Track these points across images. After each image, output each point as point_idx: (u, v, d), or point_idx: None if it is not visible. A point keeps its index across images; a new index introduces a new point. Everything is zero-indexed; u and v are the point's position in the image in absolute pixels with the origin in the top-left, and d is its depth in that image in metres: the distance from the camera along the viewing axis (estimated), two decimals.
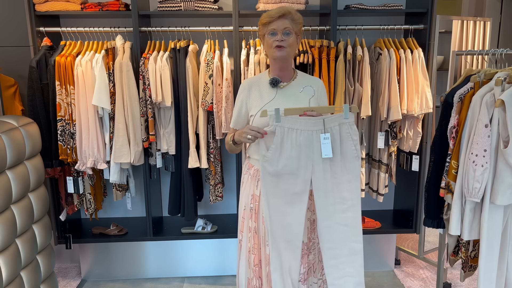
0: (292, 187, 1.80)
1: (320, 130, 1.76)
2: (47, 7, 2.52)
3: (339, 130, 1.77)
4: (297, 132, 1.76)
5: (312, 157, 1.78)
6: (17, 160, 2.13)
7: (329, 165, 1.79)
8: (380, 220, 2.93)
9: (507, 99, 1.76)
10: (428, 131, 2.76)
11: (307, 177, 1.79)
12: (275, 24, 1.84)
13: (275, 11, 1.85)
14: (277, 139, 1.76)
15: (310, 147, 1.77)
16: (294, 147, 1.77)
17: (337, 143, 1.78)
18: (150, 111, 2.53)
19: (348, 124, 1.77)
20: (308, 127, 1.76)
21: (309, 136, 1.76)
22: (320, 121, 1.76)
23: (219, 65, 2.52)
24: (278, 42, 1.84)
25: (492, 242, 1.91)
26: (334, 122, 1.77)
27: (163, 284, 3.00)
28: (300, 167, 1.78)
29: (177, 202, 2.75)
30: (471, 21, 2.99)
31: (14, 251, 2.06)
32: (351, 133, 1.78)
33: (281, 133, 1.76)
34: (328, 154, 1.75)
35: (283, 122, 1.75)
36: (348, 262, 1.86)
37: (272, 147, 1.76)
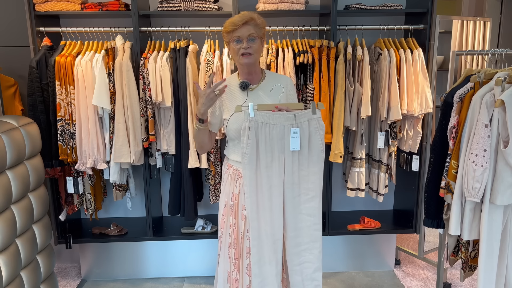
0: (270, 180, 1.87)
1: (291, 125, 1.83)
2: (47, 7, 2.52)
3: (308, 125, 1.84)
4: (270, 127, 1.83)
5: (283, 150, 1.85)
6: (17, 160, 2.13)
7: (298, 158, 1.87)
8: (380, 220, 2.93)
9: (507, 99, 1.76)
10: (428, 131, 2.76)
11: (281, 170, 1.87)
12: (239, 31, 1.87)
13: (239, 18, 1.87)
14: (252, 134, 1.82)
15: (282, 141, 1.84)
16: (267, 141, 1.83)
17: (305, 137, 1.85)
18: (150, 111, 2.53)
19: (317, 119, 1.85)
20: (281, 121, 1.82)
21: (281, 130, 1.83)
22: (292, 116, 1.83)
23: (219, 65, 2.52)
24: (244, 49, 1.88)
25: (492, 242, 1.91)
26: (303, 118, 1.84)
27: (163, 284, 3.00)
28: (274, 160, 1.86)
29: (177, 202, 2.75)
30: (471, 21, 2.99)
31: (14, 251, 2.06)
32: (319, 128, 1.86)
33: (255, 127, 1.82)
34: (295, 148, 1.84)
35: (257, 117, 1.81)
36: (308, 249, 1.95)
37: (249, 142, 1.82)
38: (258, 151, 1.84)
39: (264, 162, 1.85)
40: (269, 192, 1.88)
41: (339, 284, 2.96)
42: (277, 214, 1.90)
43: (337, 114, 2.54)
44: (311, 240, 1.94)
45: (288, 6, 2.56)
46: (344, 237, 3.07)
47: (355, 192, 2.76)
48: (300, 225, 1.93)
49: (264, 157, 1.85)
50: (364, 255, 3.12)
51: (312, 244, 1.95)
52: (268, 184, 1.87)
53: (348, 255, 3.11)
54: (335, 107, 2.55)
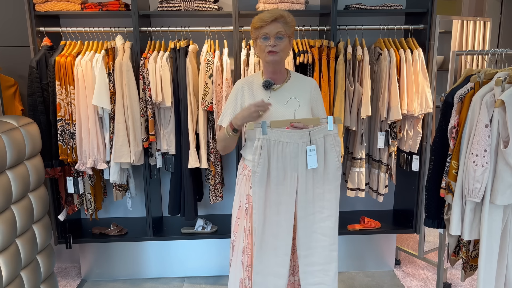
0: (279, 198, 1.83)
1: (306, 143, 1.80)
2: (47, 7, 2.52)
3: (323, 141, 1.81)
4: (283, 145, 1.79)
5: (297, 168, 1.81)
6: (17, 160, 2.13)
7: (312, 176, 1.83)
8: (380, 220, 2.93)
9: (507, 99, 1.76)
10: (428, 131, 2.76)
11: (293, 188, 1.83)
12: (267, 28, 1.82)
13: (268, 15, 1.82)
14: (264, 152, 1.79)
15: (296, 159, 1.80)
16: (280, 159, 1.80)
17: (321, 154, 1.81)
18: (150, 111, 2.53)
19: (333, 135, 1.82)
20: (295, 139, 1.79)
21: (295, 148, 1.79)
22: (306, 133, 1.79)
23: (219, 65, 2.52)
24: (271, 47, 1.83)
25: (492, 242, 1.91)
26: (319, 134, 1.81)
27: (163, 284, 3.00)
28: (286, 178, 1.82)
29: (177, 202, 2.75)
30: (471, 21, 2.99)
31: (14, 251, 2.06)
32: (335, 145, 1.82)
33: (267, 145, 1.79)
34: (313, 165, 1.80)
35: (269, 135, 1.78)
36: (324, 271, 1.90)
37: (260, 161, 1.79)
38: (270, 169, 1.81)
39: (276, 180, 1.82)
40: (277, 208, 1.84)
41: (339, 284, 2.96)
42: (284, 229, 1.85)
43: (337, 114, 2.54)
44: (326, 262, 1.89)
45: (288, 6, 2.56)
46: (344, 237, 3.07)
47: (355, 192, 2.76)
48: (314, 245, 1.88)
49: (276, 175, 1.81)
50: (364, 255, 3.12)
51: (327, 265, 1.89)
52: (277, 201, 1.84)
53: (348, 255, 3.11)
54: (335, 107, 2.55)
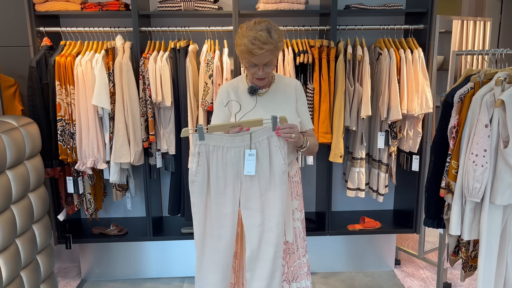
0: (222, 208, 1.73)
1: (247, 146, 1.67)
2: (47, 7, 2.52)
3: (268, 143, 1.68)
4: (223, 150, 1.68)
5: (239, 175, 1.71)
6: (17, 160, 2.13)
7: (258, 182, 1.71)
8: (380, 220, 2.93)
9: (507, 99, 1.76)
10: (428, 131, 2.76)
11: (236, 196, 1.73)
12: (256, 59, 1.70)
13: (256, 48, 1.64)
14: (202, 159, 1.67)
15: (238, 165, 1.69)
16: (220, 165, 1.69)
17: (266, 157, 1.69)
18: (150, 111, 2.53)
19: (277, 136, 1.69)
20: (236, 143, 1.67)
21: (237, 153, 1.68)
22: (248, 136, 1.67)
23: (219, 65, 2.52)
24: (259, 76, 1.75)
25: (491, 242, 1.91)
26: (262, 136, 1.68)
27: (163, 284, 3.00)
28: (227, 186, 1.71)
29: (177, 202, 2.75)
30: (471, 21, 2.99)
31: (14, 251, 2.06)
32: (280, 147, 1.69)
33: (205, 152, 1.67)
34: (250, 172, 1.67)
35: (208, 140, 1.67)
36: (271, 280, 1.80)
37: (199, 169, 1.68)
38: (209, 178, 1.70)
39: (215, 190, 1.71)
40: (219, 221, 1.74)
41: (339, 284, 2.96)
42: (228, 243, 1.77)
43: (337, 114, 2.54)
44: (272, 271, 1.79)
45: (288, 6, 2.56)
46: (344, 237, 3.07)
47: (355, 192, 2.76)
48: (264, 257, 1.77)
49: (216, 184, 1.70)
50: (364, 255, 3.11)
51: (273, 274, 1.80)
52: (218, 213, 1.73)
53: (348, 255, 3.11)
54: (335, 107, 2.55)
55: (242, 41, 1.69)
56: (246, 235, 1.79)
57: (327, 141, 2.56)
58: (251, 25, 1.71)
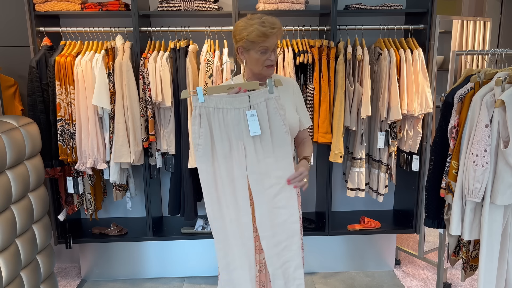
0: (231, 173, 1.69)
1: (246, 107, 1.65)
2: (47, 7, 2.52)
3: (265, 105, 1.66)
4: (223, 112, 1.64)
5: (242, 137, 1.66)
6: (17, 160, 2.13)
7: (261, 145, 1.67)
8: (380, 220, 2.93)
9: (507, 99, 1.76)
10: (428, 131, 2.76)
11: (242, 159, 1.68)
12: (268, 42, 1.71)
13: (269, 30, 1.69)
14: (204, 121, 1.64)
15: (239, 126, 1.66)
16: (222, 127, 1.65)
17: (265, 120, 1.66)
18: (150, 111, 2.53)
19: (275, 99, 1.66)
20: (234, 105, 1.64)
21: (237, 114, 1.65)
22: (246, 97, 1.64)
23: (219, 65, 2.51)
24: (271, 61, 1.76)
25: (492, 242, 1.91)
26: (260, 98, 1.65)
27: (163, 284, 3.00)
28: (232, 149, 1.67)
29: (177, 202, 2.75)
30: (471, 21, 2.99)
31: (14, 251, 2.05)
32: (278, 108, 1.66)
33: (206, 114, 1.64)
34: (256, 132, 1.64)
35: (207, 102, 1.64)
36: (288, 247, 1.75)
37: (201, 131, 1.64)
38: (213, 140, 1.66)
39: (222, 153, 1.66)
40: (232, 186, 1.69)
41: (339, 284, 2.96)
42: (244, 211, 1.70)
43: (337, 114, 2.54)
44: (289, 236, 1.74)
45: (288, 6, 2.56)
46: (344, 237, 3.07)
47: (355, 192, 2.76)
48: (277, 221, 1.72)
49: (221, 146, 1.66)
50: (364, 255, 3.11)
51: (290, 239, 1.75)
52: (229, 177, 1.68)
53: (348, 255, 3.11)
54: (335, 107, 2.55)
55: (250, 29, 1.70)
56: (255, 201, 1.72)
57: (327, 141, 2.56)
58: (248, 18, 1.75)
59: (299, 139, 1.96)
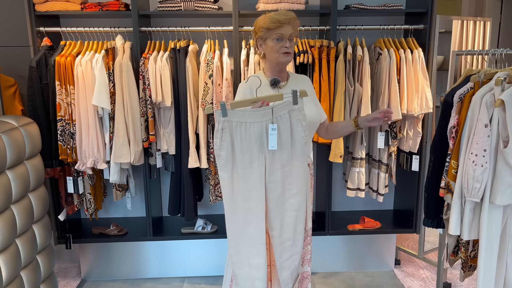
0: (248, 183, 1.77)
1: (269, 120, 1.72)
2: (47, 7, 2.52)
3: (289, 117, 1.74)
4: (246, 125, 1.72)
5: (263, 149, 1.75)
6: (17, 160, 2.13)
7: (280, 155, 1.76)
8: (380, 220, 2.93)
9: (507, 99, 1.76)
10: (428, 131, 2.76)
11: (262, 170, 1.77)
12: (283, 29, 1.85)
13: (283, 17, 1.84)
14: (226, 135, 1.72)
15: (261, 139, 1.73)
16: (244, 141, 1.73)
17: (287, 131, 1.74)
18: (150, 111, 2.53)
19: (298, 110, 1.73)
20: (258, 118, 1.71)
21: (259, 128, 1.72)
22: (269, 111, 1.71)
23: (219, 65, 2.52)
24: (287, 48, 1.87)
25: (491, 242, 1.91)
26: (283, 110, 1.73)
27: (163, 284, 3.00)
28: (253, 161, 1.75)
29: (177, 202, 2.75)
30: (471, 21, 2.99)
31: (14, 251, 2.06)
32: (301, 119, 1.75)
33: (229, 128, 1.72)
34: (273, 147, 1.72)
35: (230, 116, 1.71)
36: (295, 243, 1.87)
37: (223, 144, 1.73)
38: (234, 152, 1.74)
39: (242, 164, 1.75)
40: (247, 195, 1.78)
41: (339, 284, 2.96)
42: (257, 216, 1.80)
43: (337, 114, 2.54)
44: (295, 233, 1.87)
45: (288, 6, 2.57)
46: (344, 237, 3.07)
47: (355, 192, 2.76)
48: (285, 222, 1.84)
49: (241, 158, 1.75)
50: (364, 255, 3.11)
51: (297, 236, 1.87)
52: (246, 187, 1.77)
53: (348, 255, 3.11)
54: (335, 107, 2.55)
55: (266, 18, 1.87)
56: (268, 206, 1.82)
57: (327, 141, 2.56)
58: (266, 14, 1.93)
59: (322, 127, 2.12)
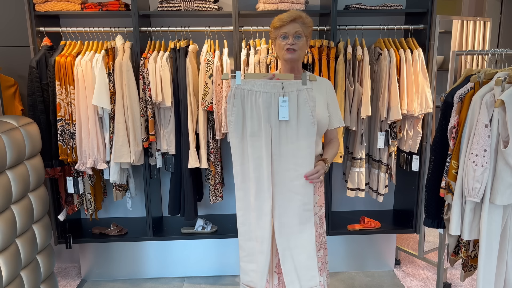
0: (257, 151, 1.81)
1: (278, 93, 1.77)
2: (47, 7, 2.52)
3: (297, 95, 1.78)
4: (256, 94, 1.78)
5: (270, 119, 1.79)
6: (17, 160, 2.13)
7: (286, 130, 1.80)
8: (380, 220, 2.93)
9: (507, 99, 1.76)
10: (428, 131, 2.76)
11: (268, 140, 1.80)
12: (286, 28, 1.90)
13: (287, 15, 1.91)
14: (237, 101, 1.78)
15: (268, 109, 1.78)
16: (254, 108, 1.79)
17: (293, 108, 1.78)
18: (150, 111, 2.53)
19: (306, 90, 1.78)
20: (267, 89, 1.77)
21: (268, 98, 1.77)
22: (279, 84, 1.77)
23: (219, 65, 2.52)
24: (289, 45, 1.91)
25: (492, 242, 1.91)
26: (292, 87, 1.78)
27: (163, 284, 3.00)
28: (260, 129, 1.80)
29: (177, 202, 2.75)
30: (471, 21, 2.99)
31: (14, 251, 2.06)
32: (308, 99, 1.78)
33: (241, 95, 1.78)
34: (285, 117, 1.77)
35: (243, 84, 1.78)
36: (299, 232, 1.85)
37: (234, 109, 1.79)
38: (244, 118, 1.80)
39: (251, 131, 1.80)
40: (255, 163, 1.81)
41: (339, 284, 2.96)
42: (263, 186, 1.82)
43: None
44: (300, 222, 1.84)
45: (288, 6, 2.56)
46: (344, 237, 3.07)
47: (355, 192, 2.76)
48: (288, 204, 1.83)
49: (250, 125, 1.80)
50: (364, 255, 3.12)
51: (302, 225, 1.84)
52: (254, 155, 1.81)
53: (348, 255, 3.11)
54: None
55: (275, 19, 1.94)
56: (274, 179, 1.83)
57: None
58: None
59: (327, 138, 2.07)
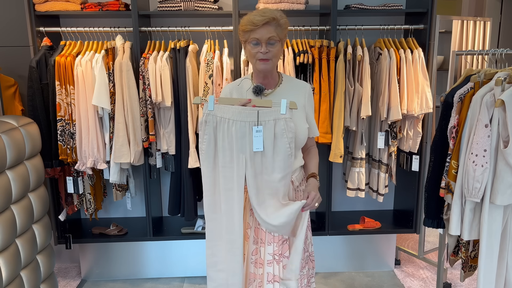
0: (229, 182, 1.69)
1: (253, 122, 1.64)
2: (47, 7, 2.52)
3: (273, 125, 1.64)
4: (229, 123, 1.64)
5: (245, 150, 1.66)
6: (17, 160, 2.13)
7: (261, 161, 1.66)
8: (380, 220, 2.93)
9: (507, 99, 1.76)
10: (428, 131, 2.76)
11: (241, 172, 1.67)
12: (258, 33, 1.65)
13: (259, 18, 1.63)
14: (209, 128, 1.66)
15: (243, 140, 1.65)
16: (226, 138, 1.65)
17: (270, 139, 1.64)
18: (150, 111, 2.53)
19: (284, 120, 1.64)
20: (241, 117, 1.63)
21: (242, 127, 1.64)
22: (254, 112, 1.63)
23: (219, 65, 2.52)
24: (263, 54, 1.67)
25: (492, 242, 1.91)
26: (269, 116, 1.64)
27: (163, 284, 3.00)
28: (232, 160, 1.67)
29: (177, 202, 2.75)
30: (471, 21, 2.99)
31: (14, 251, 2.06)
32: (286, 130, 1.64)
33: (213, 122, 1.66)
34: (259, 148, 1.64)
35: (216, 110, 1.65)
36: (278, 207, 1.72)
37: (205, 137, 1.67)
38: (216, 148, 1.68)
39: (223, 162, 1.68)
40: (226, 195, 1.70)
41: (339, 284, 2.96)
42: (234, 219, 1.71)
43: (337, 114, 2.54)
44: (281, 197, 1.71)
45: (288, 6, 2.57)
46: (344, 237, 3.07)
47: (355, 192, 2.76)
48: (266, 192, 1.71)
49: (222, 155, 1.67)
50: (364, 255, 3.11)
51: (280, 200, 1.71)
52: (226, 186, 1.69)
53: (348, 255, 3.11)
54: (335, 107, 2.55)
55: (244, 19, 1.68)
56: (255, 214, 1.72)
57: (327, 141, 2.56)
58: None
59: (305, 146, 1.89)
